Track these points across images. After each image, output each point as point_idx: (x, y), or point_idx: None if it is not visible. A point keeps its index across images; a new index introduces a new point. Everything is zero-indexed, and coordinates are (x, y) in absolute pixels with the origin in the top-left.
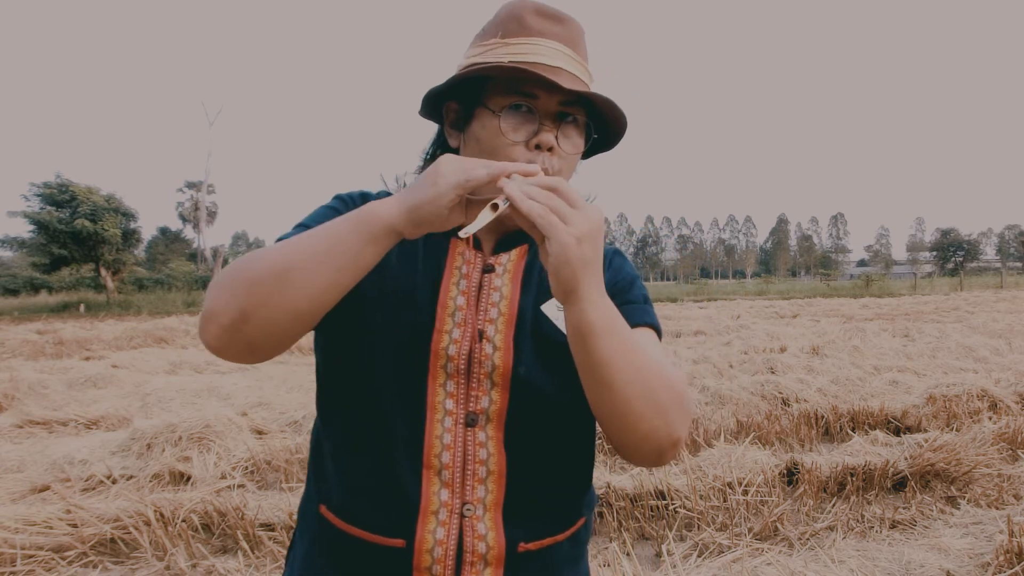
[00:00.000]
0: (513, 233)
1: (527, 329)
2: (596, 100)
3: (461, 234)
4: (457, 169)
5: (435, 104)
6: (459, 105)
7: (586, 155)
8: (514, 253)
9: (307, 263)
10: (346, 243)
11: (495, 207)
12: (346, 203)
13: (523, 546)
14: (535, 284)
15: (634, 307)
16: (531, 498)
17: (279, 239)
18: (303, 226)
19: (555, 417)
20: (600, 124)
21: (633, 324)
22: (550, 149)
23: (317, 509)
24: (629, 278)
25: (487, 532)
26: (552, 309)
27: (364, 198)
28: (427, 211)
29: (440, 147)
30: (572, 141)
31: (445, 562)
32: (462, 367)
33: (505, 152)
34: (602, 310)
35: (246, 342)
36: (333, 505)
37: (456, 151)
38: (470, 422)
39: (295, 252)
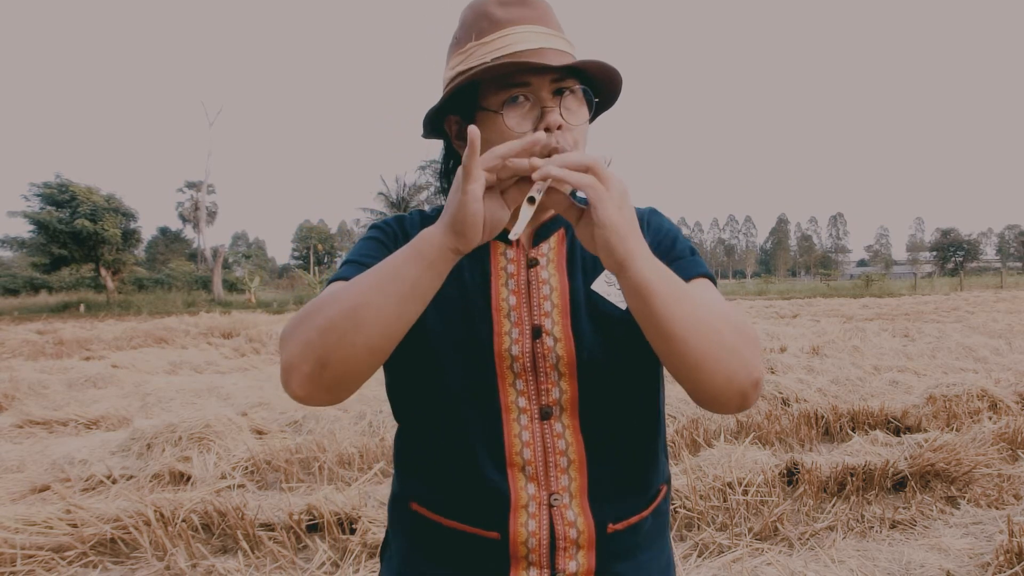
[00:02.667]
0: (548, 223)
1: (583, 313)
2: (584, 66)
3: (511, 236)
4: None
5: (436, 123)
6: (459, 117)
7: (591, 119)
8: (553, 240)
9: (373, 299)
10: (406, 273)
11: (531, 200)
12: (384, 230)
13: (612, 527)
14: (579, 267)
15: (684, 262)
16: (613, 479)
17: (331, 280)
18: (352, 262)
19: (625, 393)
20: (595, 87)
21: (687, 278)
22: (559, 128)
23: (408, 506)
24: (671, 235)
25: (576, 518)
26: (603, 286)
27: (399, 221)
28: (463, 217)
29: (453, 160)
30: (576, 113)
31: (540, 550)
32: (528, 364)
33: None
34: (655, 269)
35: (328, 386)
36: (425, 500)
37: None
38: (545, 415)
39: (359, 291)
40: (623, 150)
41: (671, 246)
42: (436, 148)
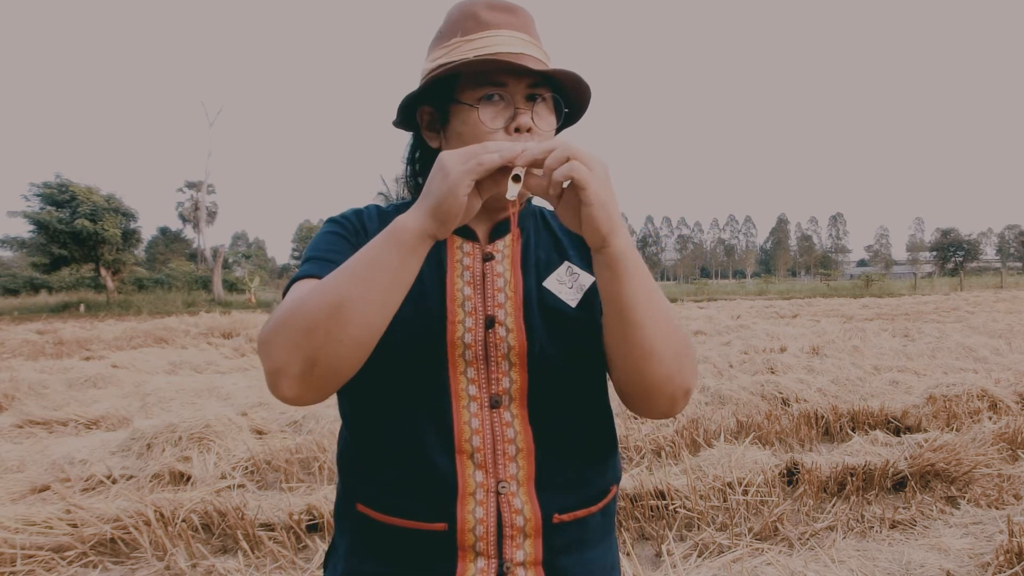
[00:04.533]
0: (504, 221)
1: (535, 307)
2: (560, 76)
3: (508, 196)
4: (464, 159)
5: (408, 112)
6: (433, 108)
7: (558, 130)
8: (508, 239)
9: (356, 293)
10: (386, 263)
11: (516, 178)
12: (342, 224)
13: (558, 517)
14: (533, 265)
15: None
16: (561, 470)
17: (295, 278)
18: (318, 259)
19: (573, 387)
20: (566, 98)
21: None
22: (528, 130)
23: (354, 508)
24: None
25: (523, 506)
26: (555, 284)
27: (358, 215)
28: (448, 205)
29: (420, 150)
30: (546, 119)
31: (487, 539)
32: (479, 353)
33: (488, 140)
34: (633, 250)
35: (317, 385)
36: (371, 500)
37: (438, 150)
38: (494, 404)
39: (341, 286)
40: (624, 150)
41: None
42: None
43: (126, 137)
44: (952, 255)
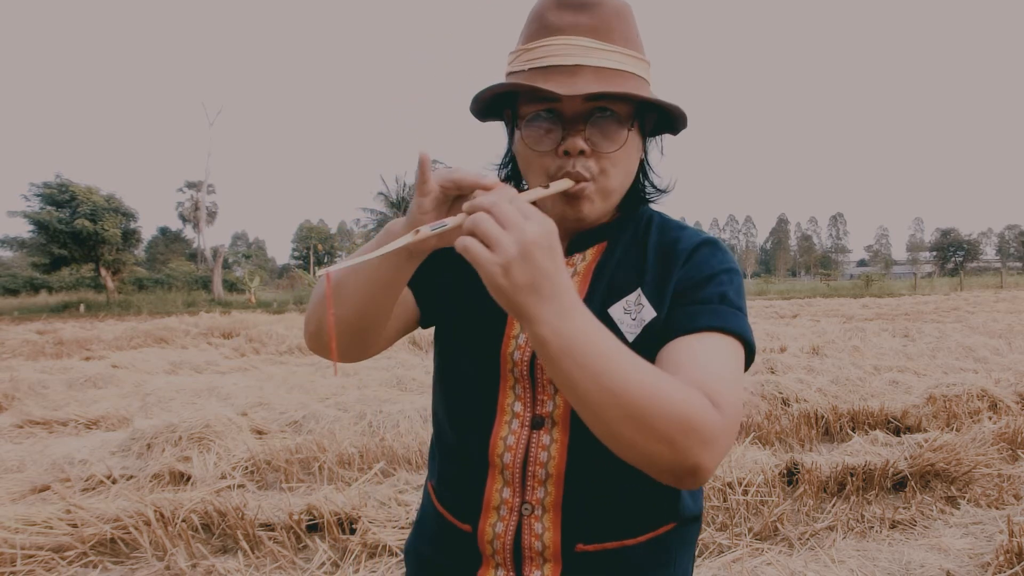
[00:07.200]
0: (585, 234)
1: None
2: (607, 95)
3: (413, 229)
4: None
5: (494, 112)
6: (511, 113)
7: (653, 132)
8: (589, 253)
9: (348, 280)
10: (372, 260)
11: (416, 232)
12: None
13: (582, 547)
14: (605, 287)
15: (700, 308)
16: (592, 500)
17: None
18: None
19: None
20: (642, 113)
21: (696, 328)
22: (581, 152)
23: (427, 485)
24: (707, 274)
25: (543, 532)
26: (619, 311)
27: None
28: (413, 214)
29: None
30: (610, 137)
31: (504, 553)
32: (524, 371)
33: (538, 163)
34: (556, 331)
35: (326, 347)
36: (434, 484)
37: None
38: (536, 424)
39: (344, 270)
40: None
41: (700, 285)
42: (435, 148)
43: (126, 137)
44: (952, 255)
